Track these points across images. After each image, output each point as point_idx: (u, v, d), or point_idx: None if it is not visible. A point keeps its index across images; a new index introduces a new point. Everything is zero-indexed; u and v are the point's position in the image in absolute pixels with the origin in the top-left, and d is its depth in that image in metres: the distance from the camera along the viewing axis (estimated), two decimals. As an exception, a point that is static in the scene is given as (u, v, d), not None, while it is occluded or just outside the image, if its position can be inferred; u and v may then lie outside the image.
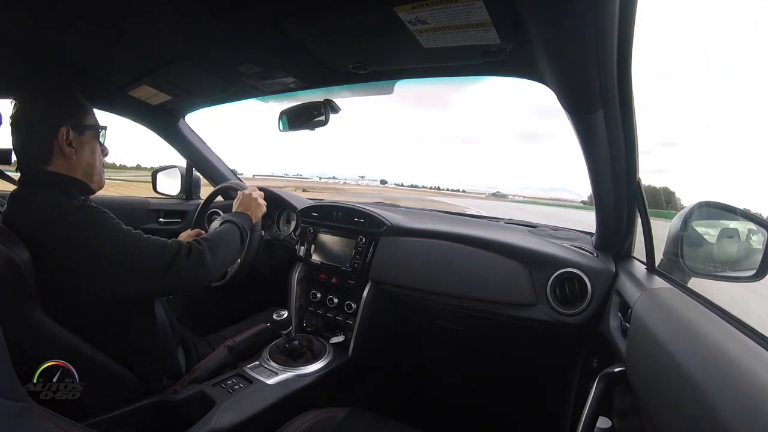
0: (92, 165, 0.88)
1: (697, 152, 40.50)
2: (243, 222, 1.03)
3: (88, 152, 0.87)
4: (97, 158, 0.90)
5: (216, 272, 0.88)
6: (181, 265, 0.80)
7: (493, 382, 1.42)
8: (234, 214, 1.06)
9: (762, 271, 0.71)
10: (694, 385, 0.44)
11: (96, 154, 0.89)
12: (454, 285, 1.11)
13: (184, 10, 0.73)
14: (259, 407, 0.92)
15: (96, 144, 0.89)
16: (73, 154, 0.84)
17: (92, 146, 0.88)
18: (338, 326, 1.29)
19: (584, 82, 0.64)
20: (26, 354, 0.69)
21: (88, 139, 0.87)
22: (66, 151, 0.83)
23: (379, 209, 1.37)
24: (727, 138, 37.68)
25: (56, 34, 0.83)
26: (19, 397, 0.42)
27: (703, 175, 15.76)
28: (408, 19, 0.66)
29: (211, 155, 1.68)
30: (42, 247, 0.74)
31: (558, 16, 0.53)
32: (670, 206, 1.13)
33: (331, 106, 1.14)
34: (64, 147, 0.82)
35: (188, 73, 1.07)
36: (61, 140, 0.82)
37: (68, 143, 0.83)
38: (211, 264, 0.85)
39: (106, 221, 0.79)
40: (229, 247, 0.94)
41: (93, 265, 0.76)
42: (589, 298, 0.95)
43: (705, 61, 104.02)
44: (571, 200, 65.93)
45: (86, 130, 0.87)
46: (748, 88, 46.48)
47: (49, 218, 0.76)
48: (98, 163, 0.90)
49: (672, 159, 32.07)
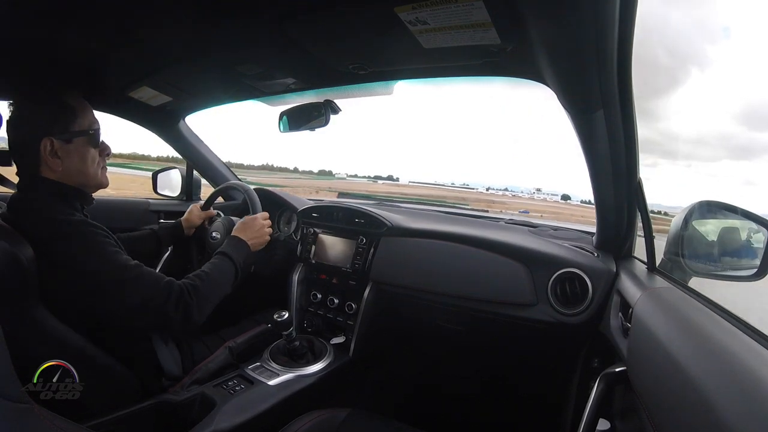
0: (83, 172, 0.86)
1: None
2: (239, 257, 0.99)
3: (77, 160, 0.84)
4: (90, 163, 0.87)
5: (198, 324, 0.86)
6: (168, 312, 0.80)
7: (494, 382, 1.42)
8: (231, 244, 1.01)
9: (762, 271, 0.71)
10: (695, 385, 0.44)
11: (88, 160, 0.86)
12: (454, 285, 1.11)
13: (184, 10, 0.73)
14: (261, 408, 0.92)
15: (87, 149, 0.86)
16: (59, 165, 0.82)
17: (82, 152, 0.85)
18: (339, 327, 1.29)
19: (584, 82, 0.64)
20: (26, 354, 0.69)
21: (77, 146, 0.84)
22: (50, 163, 0.81)
23: (380, 209, 1.37)
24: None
25: (56, 36, 0.83)
26: (20, 398, 0.41)
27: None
28: (408, 19, 0.66)
29: (212, 156, 1.69)
30: (43, 251, 0.74)
31: (558, 16, 0.53)
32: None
33: (331, 107, 1.14)
34: (47, 159, 0.81)
35: (188, 74, 1.07)
36: (44, 152, 0.80)
37: (52, 154, 0.81)
38: (196, 320, 0.84)
39: (105, 248, 0.79)
40: (219, 294, 0.91)
41: (86, 287, 0.77)
42: (589, 298, 0.95)
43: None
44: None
45: (74, 137, 0.84)
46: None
47: (50, 231, 0.76)
48: (92, 169, 0.88)
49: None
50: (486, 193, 16.45)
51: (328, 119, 1.15)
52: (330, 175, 24.23)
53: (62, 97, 0.85)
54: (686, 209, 0.86)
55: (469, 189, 17.65)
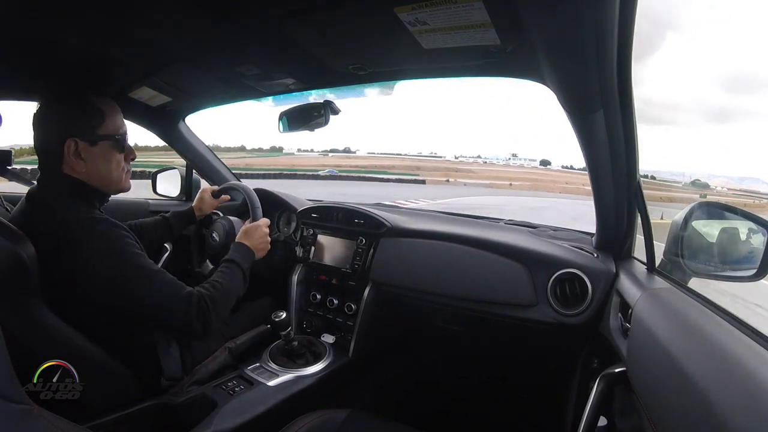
0: (106, 175, 0.86)
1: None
2: (247, 263, 1.00)
3: (101, 162, 0.85)
4: (114, 167, 0.87)
5: (215, 332, 0.93)
6: (191, 323, 0.82)
7: (494, 382, 1.42)
8: (238, 252, 1.01)
9: (762, 271, 0.71)
10: (694, 385, 0.44)
11: (112, 163, 0.86)
12: (454, 286, 1.11)
13: (183, 11, 0.73)
14: (260, 409, 0.92)
15: (113, 153, 0.86)
16: (83, 166, 0.82)
17: (107, 155, 0.85)
18: (338, 328, 1.29)
19: (584, 82, 0.64)
20: (27, 353, 0.69)
21: (102, 149, 0.84)
22: (73, 163, 0.82)
23: (379, 210, 1.37)
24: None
25: (55, 35, 0.83)
26: (21, 399, 0.41)
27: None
28: (408, 20, 0.66)
29: (211, 156, 1.69)
30: (56, 248, 0.75)
31: (558, 16, 0.53)
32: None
33: (330, 107, 1.14)
34: (70, 159, 0.81)
35: (188, 74, 1.07)
36: (68, 152, 0.81)
37: (76, 155, 0.81)
38: (214, 328, 0.87)
39: (130, 250, 0.80)
40: (232, 302, 0.94)
41: (105, 286, 0.78)
42: (589, 299, 0.95)
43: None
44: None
45: (99, 140, 0.84)
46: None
47: (70, 229, 0.76)
48: (115, 173, 0.88)
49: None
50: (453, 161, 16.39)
51: (327, 120, 1.15)
52: (279, 152, 24.28)
53: (90, 98, 0.85)
54: (686, 209, 0.86)
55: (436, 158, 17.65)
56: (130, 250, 0.80)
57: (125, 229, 0.83)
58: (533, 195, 14.30)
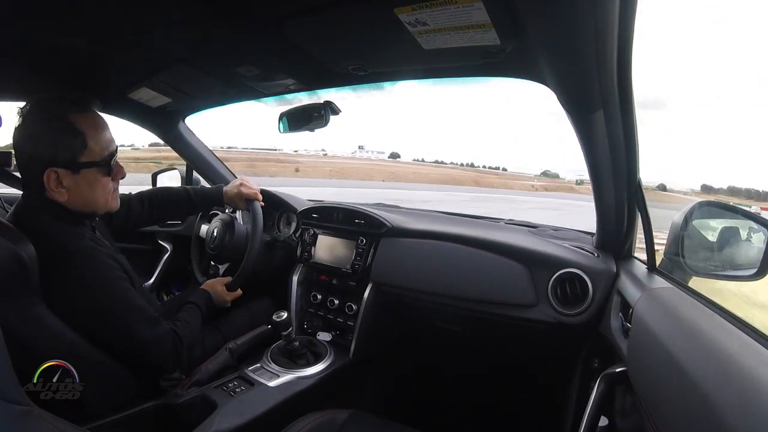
0: (91, 201, 0.81)
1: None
2: (206, 309, 1.07)
3: (86, 189, 0.79)
4: (100, 192, 0.82)
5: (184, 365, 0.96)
6: (166, 362, 0.89)
7: (495, 382, 1.42)
8: (203, 299, 1.08)
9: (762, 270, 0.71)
10: (695, 385, 0.45)
11: (97, 189, 0.81)
12: (454, 286, 1.11)
13: (183, 12, 0.73)
14: (261, 410, 0.92)
15: (98, 179, 0.80)
16: (64, 195, 0.77)
17: (92, 182, 0.79)
18: (339, 328, 1.29)
19: (584, 82, 0.64)
20: (27, 352, 0.69)
21: (86, 176, 0.78)
22: (54, 192, 0.76)
23: (380, 210, 1.37)
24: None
25: (55, 37, 0.83)
26: (21, 399, 0.41)
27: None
28: (408, 20, 0.66)
29: (211, 157, 1.69)
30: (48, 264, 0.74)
31: (558, 16, 0.53)
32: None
33: (331, 107, 1.14)
34: (51, 188, 0.75)
35: (188, 75, 1.07)
36: (47, 182, 0.75)
37: (57, 184, 0.76)
38: (183, 363, 0.93)
39: (113, 282, 0.81)
40: (196, 339, 1.00)
41: (88, 312, 0.79)
42: (590, 299, 0.95)
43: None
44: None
45: (82, 168, 0.77)
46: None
47: (51, 255, 0.75)
48: (101, 198, 0.83)
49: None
50: (290, 155, 16.31)
51: (327, 120, 1.15)
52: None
53: (71, 119, 0.77)
54: (686, 209, 0.86)
55: (272, 151, 17.30)
56: (109, 285, 0.80)
57: (109, 256, 0.82)
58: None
